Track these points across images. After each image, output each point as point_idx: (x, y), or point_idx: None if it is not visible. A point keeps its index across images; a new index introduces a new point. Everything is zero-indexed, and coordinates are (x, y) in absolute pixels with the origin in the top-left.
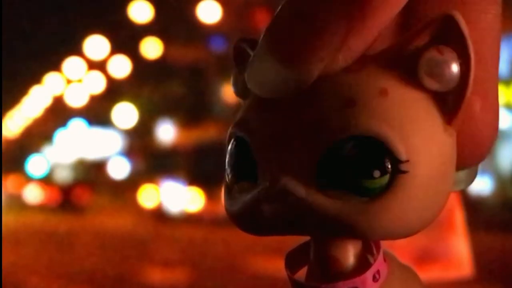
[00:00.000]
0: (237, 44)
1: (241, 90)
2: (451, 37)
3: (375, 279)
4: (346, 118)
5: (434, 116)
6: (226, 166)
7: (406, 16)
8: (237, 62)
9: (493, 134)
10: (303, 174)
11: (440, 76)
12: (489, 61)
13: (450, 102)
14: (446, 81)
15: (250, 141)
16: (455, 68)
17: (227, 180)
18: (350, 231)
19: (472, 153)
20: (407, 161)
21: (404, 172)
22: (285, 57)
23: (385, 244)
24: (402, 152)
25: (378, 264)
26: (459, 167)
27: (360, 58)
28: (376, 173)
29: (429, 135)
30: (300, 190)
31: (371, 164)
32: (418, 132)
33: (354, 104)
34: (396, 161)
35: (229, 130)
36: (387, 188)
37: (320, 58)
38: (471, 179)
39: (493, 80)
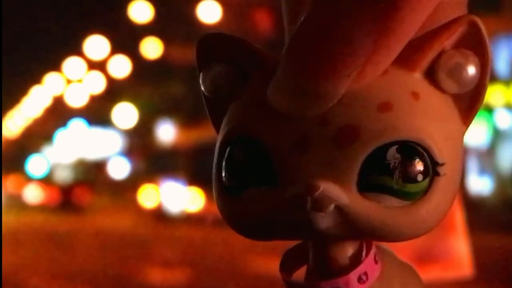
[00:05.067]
0: (204, 41)
1: (212, 88)
2: (473, 41)
3: (361, 280)
4: (386, 122)
5: (454, 118)
6: (224, 170)
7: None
8: (205, 60)
9: None
10: (343, 180)
11: (461, 78)
12: None
13: (466, 104)
14: (466, 84)
15: (269, 145)
16: (475, 71)
17: (226, 184)
18: (392, 235)
19: None
20: (444, 163)
21: (441, 174)
22: (310, 75)
23: (384, 244)
24: (438, 155)
25: (366, 265)
26: None
27: None
28: (420, 177)
29: (454, 137)
30: (343, 196)
31: (415, 168)
32: (446, 135)
33: (391, 108)
34: (435, 164)
35: (228, 131)
36: (427, 190)
37: (346, 74)
38: None
39: None
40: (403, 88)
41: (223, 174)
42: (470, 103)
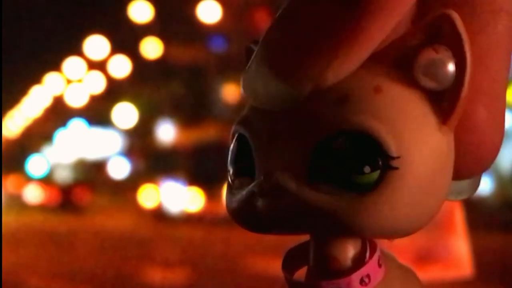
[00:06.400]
0: (250, 46)
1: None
2: (446, 36)
3: (363, 283)
4: (338, 113)
5: (428, 115)
6: (228, 163)
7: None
8: (247, 64)
9: (498, 144)
10: (295, 169)
11: (436, 75)
12: (498, 71)
13: (445, 102)
14: (441, 80)
15: (250, 137)
16: (450, 67)
17: (229, 177)
18: (341, 226)
19: (476, 163)
20: (398, 157)
21: (395, 168)
22: (277, 72)
23: (384, 244)
24: (393, 148)
25: (369, 268)
26: (463, 176)
27: None
28: (367, 169)
29: (422, 133)
30: (291, 184)
31: (361, 159)
32: (411, 130)
33: (347, 100)
34: (387, 157)
35: (233, 127)
36: (378, 184)
37: (310, 76)
38: (474, 189)
39: (500, 91)
40: (366, 81)
41: (228, 166)
42: (449, 100)
